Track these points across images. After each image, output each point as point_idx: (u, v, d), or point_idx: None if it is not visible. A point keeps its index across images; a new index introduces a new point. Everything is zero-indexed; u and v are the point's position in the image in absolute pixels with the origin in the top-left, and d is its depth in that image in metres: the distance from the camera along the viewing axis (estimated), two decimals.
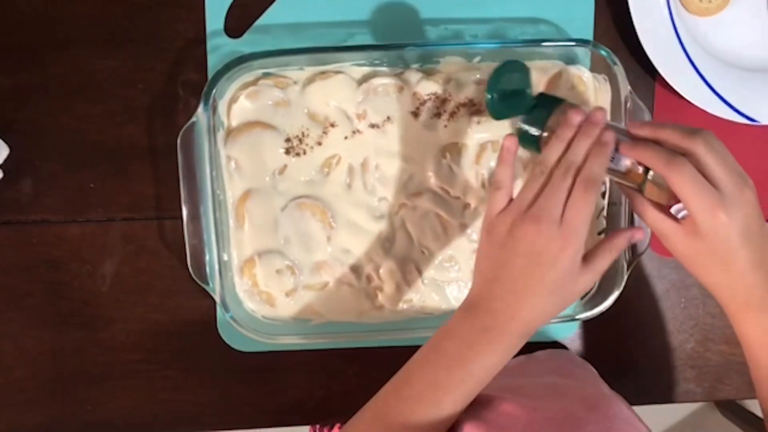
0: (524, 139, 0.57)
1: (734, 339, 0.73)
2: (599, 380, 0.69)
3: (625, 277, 0.65)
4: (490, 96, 0.57)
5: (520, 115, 0.56)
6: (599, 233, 0.68)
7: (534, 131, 0.56)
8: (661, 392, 0.74)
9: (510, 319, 0.50)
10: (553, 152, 0.52)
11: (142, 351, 0.71)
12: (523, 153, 0.63)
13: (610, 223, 0.67)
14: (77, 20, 0.68)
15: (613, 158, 0.53)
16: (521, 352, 0.53)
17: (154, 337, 0.71)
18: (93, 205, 0.70)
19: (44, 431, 0.72)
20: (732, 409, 1.41)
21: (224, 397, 0.72)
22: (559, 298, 0.51)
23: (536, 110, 0.56)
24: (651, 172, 0.52)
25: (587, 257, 0.52)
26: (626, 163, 0.53)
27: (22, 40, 0.68)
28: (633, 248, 0.65)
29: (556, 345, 0.72)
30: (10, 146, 0.67)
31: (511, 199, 0.52)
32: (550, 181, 0.50)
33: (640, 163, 0.53)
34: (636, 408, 0.74)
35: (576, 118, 0.52)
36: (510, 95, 0.56)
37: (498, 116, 0.57)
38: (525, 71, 0.58)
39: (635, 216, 0.57)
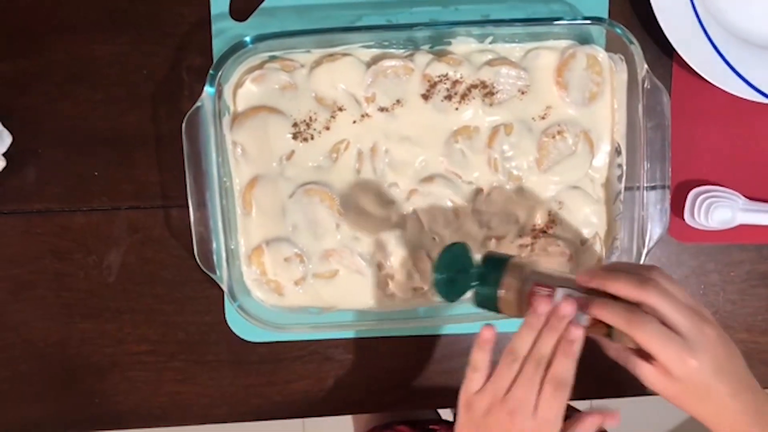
0: (482, 304, 0.57)
1: (756, 327, 0.72)
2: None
3: (642, 263, 0.63)
4: (438, 284, 0.57)
5: (472, 290, 0.56)
6: (615, 217, 0.66)
7: (489, 297, 0.55)
8: None
9: None
10: (522, 342, 0.52)
11: (149, 342, 0.70)
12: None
13: (626, 209, 0.65)
14: (76, 4, 0.67)
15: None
16: None
17: (161, 328, 0.70)
18: (97, 194, 0.69)
19: (51, 424, 0.72)
20: None
21: (233, 388, 0.71)
22: None
23: (486, 278, 0.56)
24: None
25: None
26: (587, 317, 0.52)
27: (20, 26, 0.67)
28: (650, 234, 0.63)
29: None
30: (12, 134, 0.66)
31: (489, 377, 0.53)
32: (521, 373, 0.51)
33: None
34: (652, 398, 0.73)
35: (542, 308, 0.52)
36: (457, 276, 0.56)
37: (452, 299, 0.57)
38: (464, 248, 0.58)
39: None
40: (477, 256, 0.58)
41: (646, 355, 0.51)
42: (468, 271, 0.57)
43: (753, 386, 0.52)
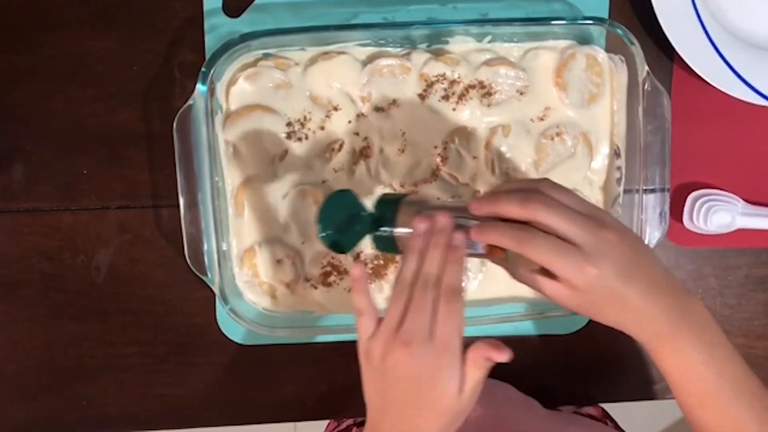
0: (382, 247, 0.54)
1: (752, 331, 0.71)
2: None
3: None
4: (327, 237, 0.54)
5: (368, 235, 0.54)
6: None
7: (386, 239, 0.53)
8: None
9: None
10: (407, 267, 0.49)
11: (139, 344, 0.69)
12: None
13: (625, 212, 0.65)
14: None
15: (469, 245, 0.50)
16: None
17: (150, 329, 0.69)
18: (87, 193, 0.67)
19: (38, 427, 0.71)
20: None
21: (223, 391, 0.70)
22: (449, 416, 0.48)
23: (381, 220, 0.53)
24: None
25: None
26: (482, 245, 0.50)
27: (9, 21, 0.65)
28: (648, 238, 0.63)
29: (559, 337, 0.70)
30: (0, 131, 0.65)
31: (380, 320, 0.50)
32: (411, 300, 0.48)
33: None
34: (647, 402, 0.72)
35: (420, 227, 0.50)
36: (348, 225, 0.54)
37: (344, 250, 0.55)
38: (349, 195, 0.55)
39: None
40: (368, 203, 0.56)
41: (551, 274, 0.48)
42: (358, 217, 0.54)
43: (671, 288, 0.49)
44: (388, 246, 0.54)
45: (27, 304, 0.68)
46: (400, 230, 0.53)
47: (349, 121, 0.64)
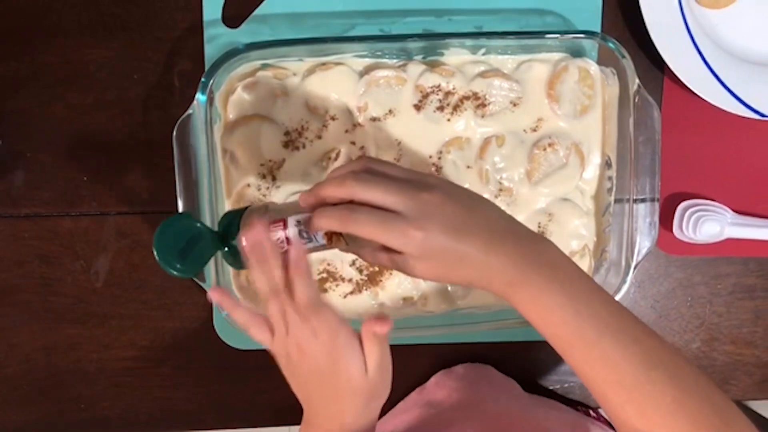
0: (234, 263, 0.53)
1: (741, 339, 0.72)
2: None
3: (630, 276, 0.63)
4: (171, 268, 0.50)
5: (215, 253, 0.53)
6: (604, 229, 0.67)
7: (236, 253, 0.52)
8: None
9: (340, 427, 0.51)
10: (259, 285, 0.49)
11: (137, 348, 0.70)
12: None
13: (615, 221, 0.66)
14: (68, 7, 0.66)
15: (310, 239, 0.51)
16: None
17: (149, 334, 0.70)
18: (86, 199, 0.68)
19: (36, 429, 0.71)
20: None
21: (221, 395, 0.71)
22: (364, 395, 0.51)
23: (227, 236, 0.52)
24: None
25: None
26: (321, 234, 0.51)
27: (11, 28, 0.66)
28: (639, 247, 0.64)
29: None
30: (1, 137, 0.66)
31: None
32: (283, 308, 0.49)
33: None
34: None
35: (246, 245, 0.48)
36: (191, 246, 0.51)
37: (193, 274, 0.53)
38: (184, 218, 0.52)
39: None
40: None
41: (393, 251, 0.47)
42: (200, 237, 0.51)
43: (515, 234, 0.48)
44: (239, 261, 0.52)
45: (26, 307, 0.69)
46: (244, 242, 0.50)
47: (346, 131, 0.65)
